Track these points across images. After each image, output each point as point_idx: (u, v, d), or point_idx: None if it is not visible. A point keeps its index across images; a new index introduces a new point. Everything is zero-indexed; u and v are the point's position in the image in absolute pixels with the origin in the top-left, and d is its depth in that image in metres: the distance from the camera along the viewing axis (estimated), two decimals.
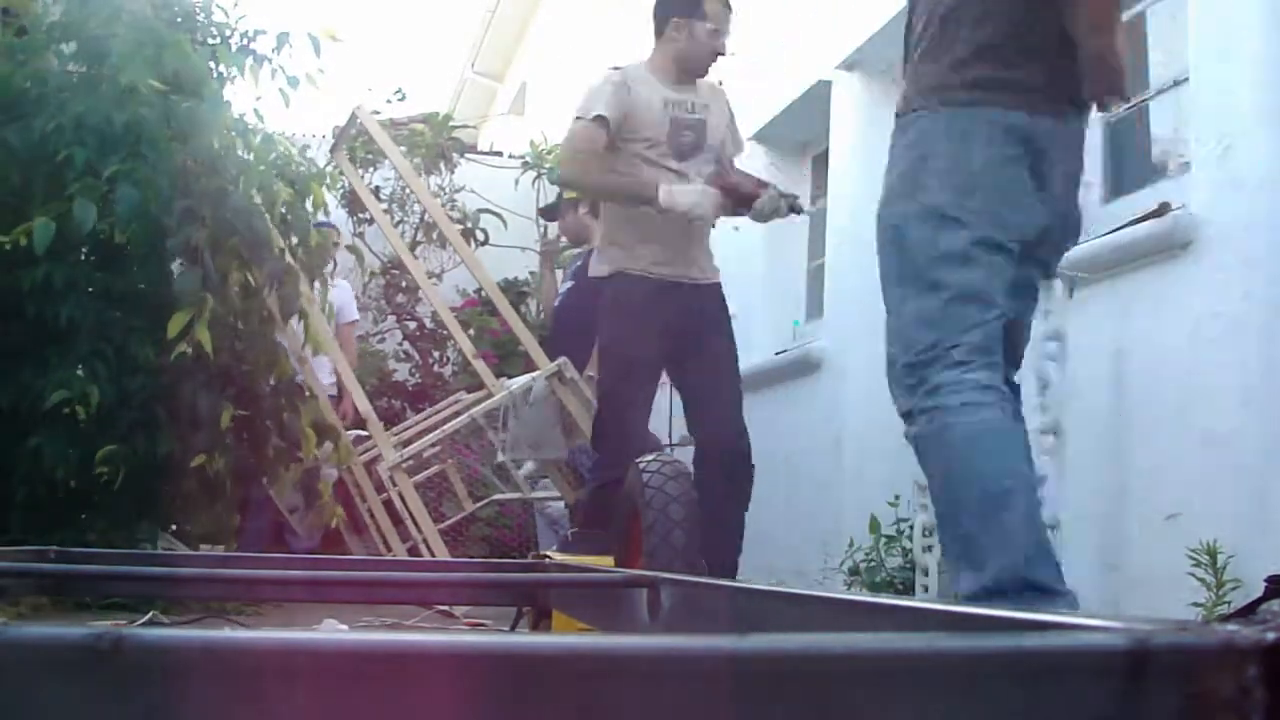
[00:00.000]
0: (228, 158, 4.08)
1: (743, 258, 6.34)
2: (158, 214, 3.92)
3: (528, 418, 4.70)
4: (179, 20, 4.39)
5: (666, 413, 7.71)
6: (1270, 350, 2.79)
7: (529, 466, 5.20)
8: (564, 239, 6.32)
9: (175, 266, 4.10)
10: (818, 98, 5.51)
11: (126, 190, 3.81)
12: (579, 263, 6.02)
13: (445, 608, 3.92)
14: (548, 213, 6.35)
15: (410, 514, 4.70)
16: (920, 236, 2.31)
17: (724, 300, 4.08)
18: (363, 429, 5.33)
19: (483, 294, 6.63)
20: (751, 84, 6.32)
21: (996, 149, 2.30)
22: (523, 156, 8.34)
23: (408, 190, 7.67)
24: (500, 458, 4.95)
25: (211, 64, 4.32)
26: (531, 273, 8.17)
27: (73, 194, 3.76)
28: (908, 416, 2.29)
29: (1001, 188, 2.30)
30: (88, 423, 3.76)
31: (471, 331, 6.92)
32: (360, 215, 7.58)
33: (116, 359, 3.94)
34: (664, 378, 4.92)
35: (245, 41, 4.52)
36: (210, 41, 4.49)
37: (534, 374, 4.85)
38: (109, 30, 4.04)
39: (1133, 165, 3.74)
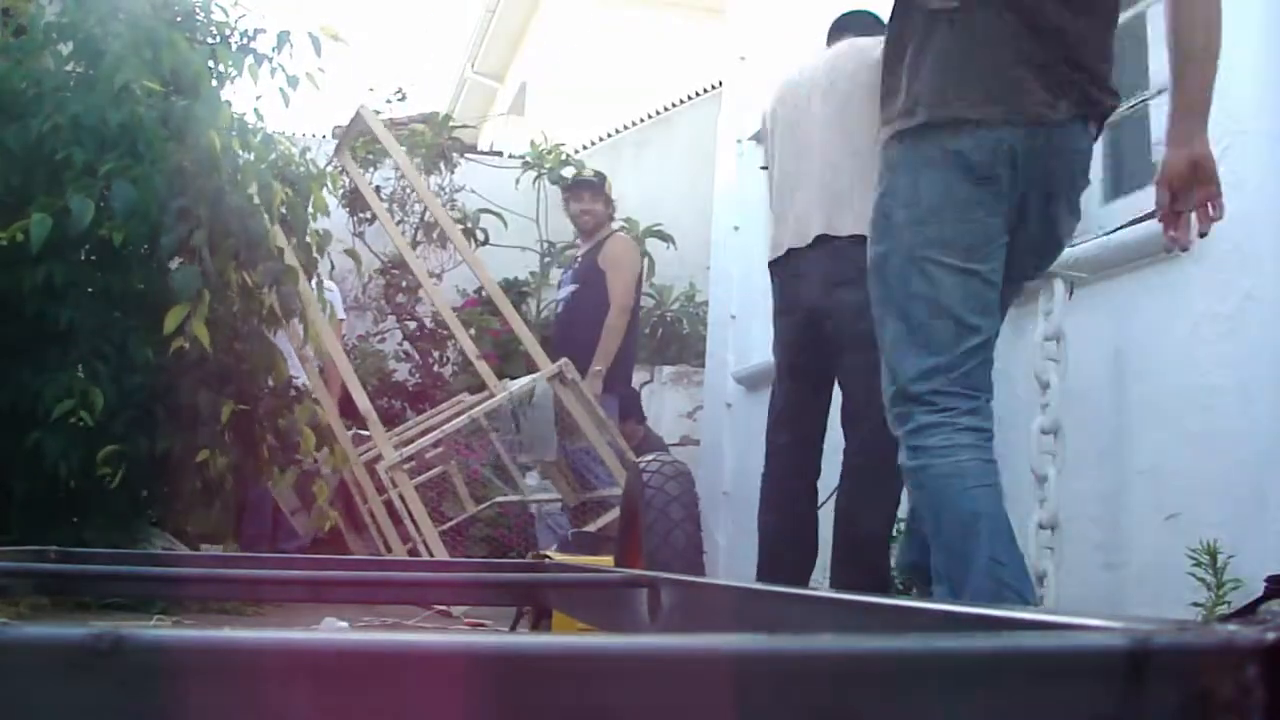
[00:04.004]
0: (224, 157, 4.07)
1: (743, 258, 6.34)
2: (155, 213, 3.92)
3: (533, 419, 4.70)
4: (178, 20, 4.39)
5: (664, 414, 7.73)
6: (1270, 350, 2.79)
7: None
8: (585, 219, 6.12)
9: (174, 266, 4.10)
10: None
11: (123, 187, 3.81)
12: (578, 264, 6.00)
13: (445, 608, 3.92)
14: (585, 186, 6.14)
15: (410, 515, 4.71)
16: (893, 269, 2.43)
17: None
18: (363, 429, 5.33)
19: (483, 294, 6.64)
20: (752, 84, 6.32)
21: (942, 174, 2.39)
22: (523, 156, 8.35)
23: (408, 190, 7.68)
24: (510, 459, 4.95)
25: (211, 63, 4.32)
26: (532, 273, 8.18)
27: (71, 194, 3.76)
28: (898, 443, 2.46)
29: (953, 213, 2.39)
30: (88, 425, 3.77)
31: (472, 331, 6.93)
32: (361, 215, 7.59)
33: (117, 359, 3.94)
34: (656, 377, 4.85)
35: (245, 40, 4.52)
36: (209, 41, 4.49)
37: (534, 375, 4.86)
38: (106, 29, 4.04)
39: (1133, 165, 3.74)
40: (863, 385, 3.50)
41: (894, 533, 3.58)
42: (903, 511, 3.59)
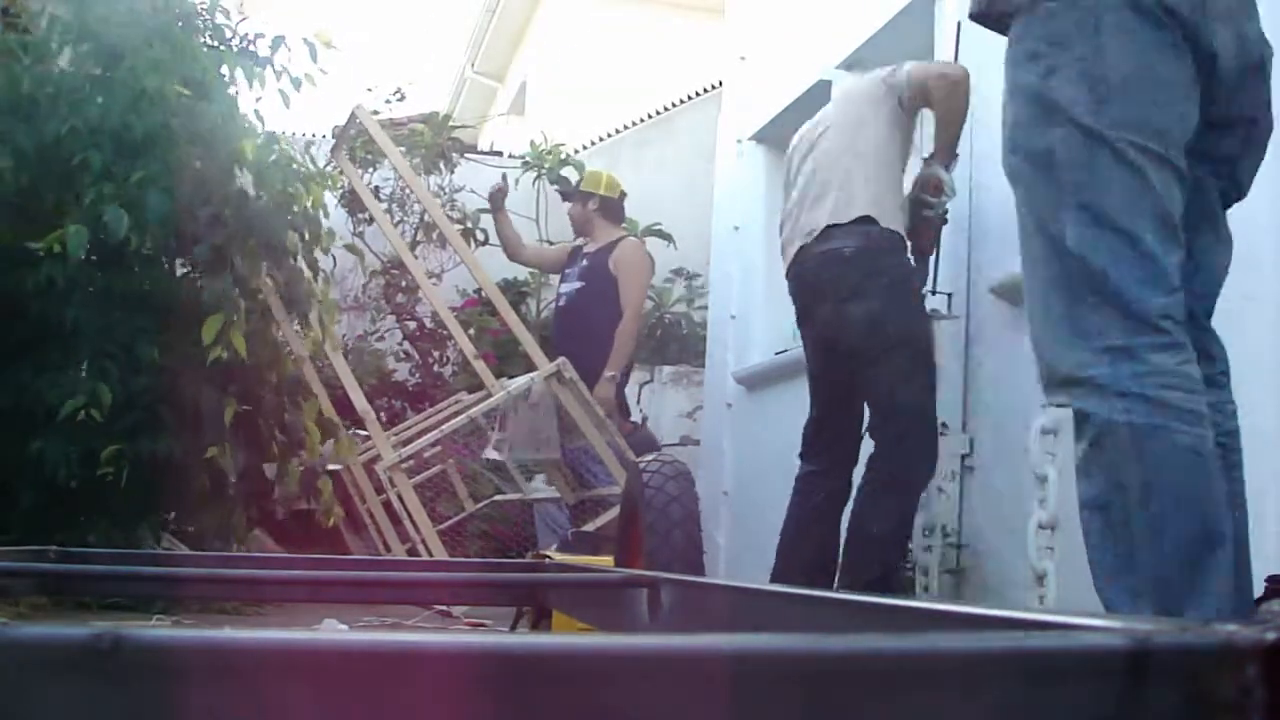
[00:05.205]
0: (241, 160, 4.08)
1: (743, 258, 6.34)
2: (180, 219, 3.93)
3: (527, 418, 4.69)
4: (181, 24, 4.39)
5: (664, 414, 7.72)
6: (1270, 350, 2.79)
7: (539, 481, 5.23)
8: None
9: (177, 265, 4.10)
10: (818, 98, 5.50)
11: (157, 196, 3.79)
12: (585, 262, 5.98)
13: (445, 608, 3.92)
14: (565, 193, 6.37)
15: (409, 514, 4.70)
16: (1070, 158, 1.85)
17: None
18: (361, 428, 5.33)
19: (483, 294, 6.64)
20: (752, 84, 6.32)
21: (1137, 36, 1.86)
22: (523, 156, 8.34)
23: (407, 190, 7.67)
24: (488, 453, 4.94)
25: (224, 68, 4.33)
26: (531, 273, 8.17)
27: (93, 199, 3.74)
28: (1093, 386, 1.85)
29: (1149, 85, 1.86)
30: (92, 424, 3.77)
31: (472, 331, 6.92)
32: (360, 215, 7.58)
33: (124, 360, 3.94)
34: (656, 377, 4.80)
35: (246, 44, 4.53)
36: (215, 44, 4.49)
37: (532, 374, 4.85)
38: (121, 32, 4.04)
39: None
40: (884, 395, 3.54)
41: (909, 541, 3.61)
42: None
